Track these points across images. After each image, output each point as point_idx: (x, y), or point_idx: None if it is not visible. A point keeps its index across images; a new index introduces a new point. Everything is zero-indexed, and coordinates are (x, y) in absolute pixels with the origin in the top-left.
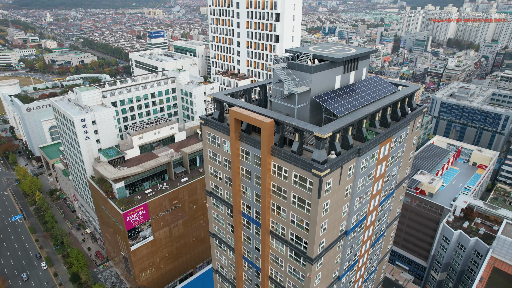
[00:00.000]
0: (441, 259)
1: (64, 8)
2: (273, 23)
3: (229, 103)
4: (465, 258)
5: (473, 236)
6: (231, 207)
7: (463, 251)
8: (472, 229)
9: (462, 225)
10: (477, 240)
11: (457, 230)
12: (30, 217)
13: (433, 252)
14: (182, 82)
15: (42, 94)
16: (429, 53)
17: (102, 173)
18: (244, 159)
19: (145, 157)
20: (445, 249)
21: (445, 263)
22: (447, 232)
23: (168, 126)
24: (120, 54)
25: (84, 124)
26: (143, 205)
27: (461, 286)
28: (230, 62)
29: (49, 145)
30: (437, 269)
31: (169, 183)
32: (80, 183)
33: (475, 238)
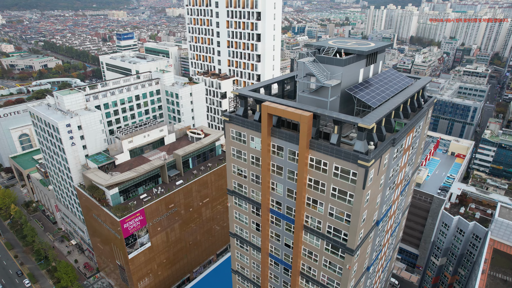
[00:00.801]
0: (441, 245)
1: (17, 10)
2: (254, 22)
3: (259, 98)
4: (465, 242)
5: (470, 220)
6: (257, 205)
7: (463, 236)
8: (469, 214)
9: (459, 211)
10: (475, 224)
11: (455, 216)
12: (6, 232)
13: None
14: (166, 83)
15: (7, 100)
16: (396, 50)
17: (94, 179)
18: (275, 154)
19: (136, 162)
20: (445, 235)
21: (445, 248)
22: (447, 219)
23: (158, 129)
24: (87, 58)
25: (70, 129)
26: (140, 210)
27: (461, 269)
28: (210, 62)
29: (21, 155)
30: (437, 255)
31: (163, 187)
32: (64, 193)
33: (473, 222)
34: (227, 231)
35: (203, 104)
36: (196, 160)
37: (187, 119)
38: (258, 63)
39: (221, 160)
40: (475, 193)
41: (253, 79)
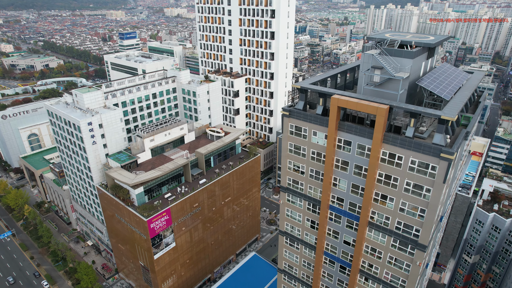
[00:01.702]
0: (474, 242)
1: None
2: (268, 20)
3: (324, 92)
4: (500, 239)
5: (506, 217)
6: (315, 202)
7: (498, 233)
8: (503, 211)
9: (492, 208)
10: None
11: (491, 213)
12: (19, 233)
13: (465, 236)
14: (183, 81)
15: (14, 100)
16: None
17: (118, 179)
18: (341, 149)
19: (158, 160)
20: (479, 232)
21: (478, 246)
22: (481, 216)
23: (178, 127)
24: (88, 57)
25: (91, 128)
26: (166, 210)
27: (495, 267)
28: (221, 61)
29: (31, 155)
30: (470, 252)
31: (187, 186)
32: (81, 193)
33: (510, 219)
34: (247, 231)
35: (219, 102)
36: (217, 159)
37: (204, 118)
38: (271, 61)
39: (241, 158)
40: (507, 190)
41: (266, 77)
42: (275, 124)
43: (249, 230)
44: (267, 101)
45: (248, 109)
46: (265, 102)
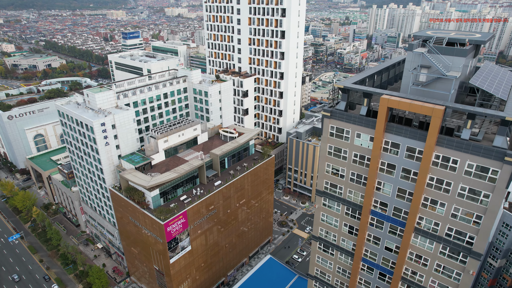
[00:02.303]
0: (500, 246)
1: (14, 9)
2: (279, 19)
3: (370, 91)
4: None
5: None
6: (355, 206)
7: None
8: None
9: None
10: None
11: None
12: (28, 236)
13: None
14: (194, 81)
15: (19, 100)
16: (402, 48)
17: (134, 181)
18: (388, 152)
19: (172, 162)
20: (506, 236)
21: (505, 249)
22: (508, 218)
23: (192, 127)
24: (91, 57)
25: (104, 128)
26: (183, 213)
27: None
28: (230, 60)
29: (38, 156)
30: (496, 256)
31: (202, 188)
32: (92, 195)
33: None
34: (260, 233)
35: (230, 102)
36: (231, 160)
37: (215, 118)
38: (281, 60)
39: (255, 159)
40: None
41: (276, 77)
42: (284, 125)
43: (262, 232)
44: (276, 101)
45: (257, 109)
46: (275, 102)
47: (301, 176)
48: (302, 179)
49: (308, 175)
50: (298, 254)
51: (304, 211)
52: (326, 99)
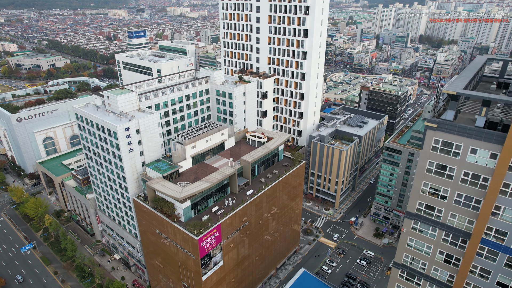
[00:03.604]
0: None
1: (14, 8)
2: (302, 17)
3: (493, 99)
4: None
5: None
6: (458, 233)
7: None
8: None
9: None
10: None
11: None
12: (40, 245)
13: None
14: (217, 82)
15: (27, 101)
16: (411, 48)
17: (164, 191)
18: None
19: (200, 169)
20: None
21: None
22: None
23: (219, 132)
24: (95, 57)
25: (128, 134)
26: (217, 226)
27: None
28: (247, 60)
29: (48, 160)
30: None
31: (234, 198)
32: (111, 203)
33: None
34: (288, 243)
35: (254, 104)
36: (261, 167)
37: (239, 121)
38: (303, 60)
39: (285, 166)
40: None
41: (297, 77)
42: (304, 127)
43: (289, 242)
44: (297, 102)
45: (275, 111)
46: (295, 103)
47: (324, 182)
48: (325, 184)
49: (332, 180)
50: (327, 265)
51: (328, 218)
52: (339, 99)
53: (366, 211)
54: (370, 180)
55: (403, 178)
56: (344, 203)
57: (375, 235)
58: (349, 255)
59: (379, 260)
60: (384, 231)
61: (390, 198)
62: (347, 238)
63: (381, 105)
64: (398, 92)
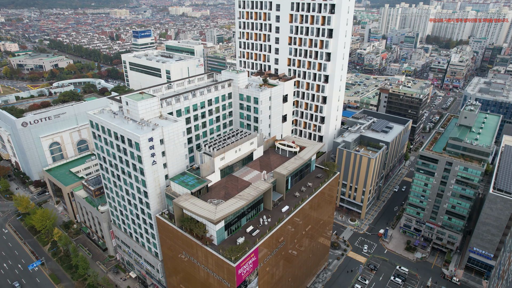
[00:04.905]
0: None
1: (15, 8)
2: (326, 16)
3: None
4: None
5: None
6: None
7: None
8: None
9: None
10: None
11: None
12: (48, 261)
13: None
14: (240, 85)
15: (32, 104)
16: (421, 49)
17: (195, 212)
18: None
19: (230, 183)
20: None
21: None
22: None
23: (248, 141)
24: (98, 57)
25: (152, 145)
26: (254, 250)
27: None
28: (265, 61)
29: (56, 167)
30: None
31: (268, 215)
32: (128, 219)
33: None
34: (318, 260)
35: (280, 109)
36: (294, 179)
37: (264, 128)
38: (327, 62)
39: (318, 177)
40: None
41: (320, 80)
42: (326, 133)
43: (319, 259)
44: (318, 106)
45: (295, 115)
46: (316, 107)
47: (350, 191)
48: (351, 194)
49: (358, 190)
50: (360, 283)
51: (354, 229)
52: (354, 102)
53: (394, 222)
54: (394, 188)
55: (439, 189)
56: (369, 213)
57: (406, 249)
58: (381, 271)
59: (414, 277)
60: (416, 244)
61: (423, 210)
62: (377, 252)
63: (401, 108)
64: (420, 95)
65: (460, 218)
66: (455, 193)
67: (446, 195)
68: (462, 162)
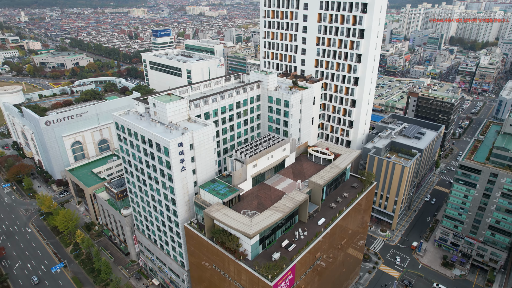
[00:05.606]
0: None
1: (38, 7)
2: (358, 15)
3: None
4: None
5: None
6: None
7: None
8: None
9: None
10: None
11: None
12: (71, 263)
13: None
14: (270, 87)
15: (55, 103)
16: (446, 51)
17: (229, 224)
18: None
19: (262, 192)
20: None
21: None
22: None
23: (281, 147)
24: (118, 55)
25: (181, 150)
26: (292, 267)
27: None
28: (291, 62)
29: (78, 167)
30: None
31: (304, 228)
32: (153, 226)
33: None
34: (349, 274)
35: (310, 113)
36: (329, 189)
37: (294, 132)
38: (357, 64)
39: (354, 187)
40: None
41: (349, 82)
42: (354, 137)
43: (351, 272)
44: (347, 110)
45: (321, 118)
46: (345, 111)
47: (380, 200)
48: (382, 203)
49: (390, 199)
50: None
51: (385, 241)
52: (378, 105)
53: (427, 235)
54: (426, 197)
55: (481, 202)
56: (400, 224)
57: (443, 265)
58: None
59: None
60: (454, 260)
61: (461, 223)
62: (410, 266)
63: (431, 113)
64: (452, 99)
65: (506, 234)
66: (500, 207)
67: (490, 208)
68: (509, 174)
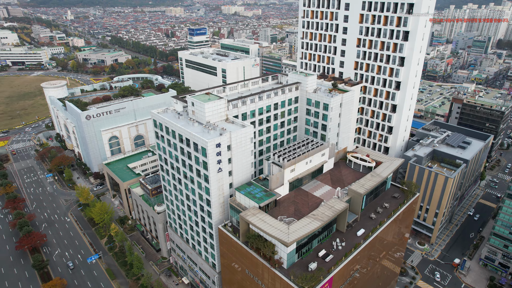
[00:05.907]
0: None
1: (82, 6)
2: (403, 16)
3: None
4: None
5: None
6: None
7: None
8: None
9: None
10: None
11: None
12: (105, 255)
13: None
14: (308, 89)
15: (95, 98)
16: (493, 55)
17: (266, 230)
18: None
19: (299, 198)
20: None
21: None
22: None
23: (320, 152)
24: (154, 53)
25: (219, 151)
26: (329, 280)
27: None
28: (329, 64)
29: (114, 162)
30: None
31: (343, 239)
32: (186, 225)
33: None
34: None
35: (349, 117)
36: (368, 198)
37: (332, 137)
38: (400, 67)
39: (395, 198)
40: None
41: (390, 86)
42: (393, 144)
43: (386, 286)
44: (387, 115)
45: (359, 122)
46: (384, 116)
47: (420, 211)
48: (421, 214)
49: (430, 210)
50: None
51: (424, 255)
52: (417, 110)
53: (471, 252)
54: (469, 211)
55: None
56: (440, 238)
57: (489, 286)
58: None
59: None
60: (503, 282)
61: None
62: (452, 284)
63: (477, 121)
64: (502, 107)
65: None
66: None
67: None
68: None
